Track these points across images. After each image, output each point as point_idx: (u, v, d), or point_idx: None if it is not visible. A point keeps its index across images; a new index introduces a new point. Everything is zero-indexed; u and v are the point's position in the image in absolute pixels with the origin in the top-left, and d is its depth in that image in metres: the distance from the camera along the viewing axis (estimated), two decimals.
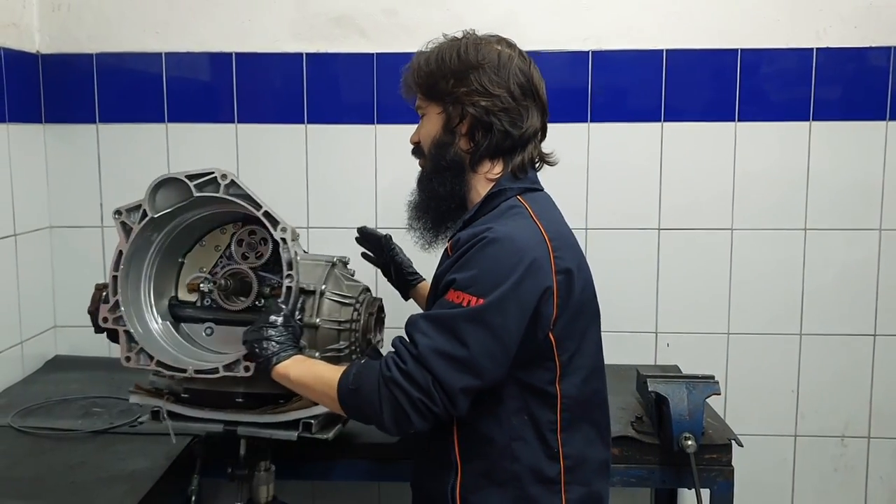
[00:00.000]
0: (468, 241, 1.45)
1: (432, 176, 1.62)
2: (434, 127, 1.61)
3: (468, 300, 1.39)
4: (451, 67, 1.56)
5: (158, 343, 1.72)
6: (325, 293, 1.72)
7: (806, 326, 2.57)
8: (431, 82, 1.59)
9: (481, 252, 1.42)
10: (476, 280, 1.40)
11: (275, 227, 1.67)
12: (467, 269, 1.42)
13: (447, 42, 1.62)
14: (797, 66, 2.47)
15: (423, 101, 1.64)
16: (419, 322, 1.43)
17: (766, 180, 2.52)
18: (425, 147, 1.64)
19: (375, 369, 1.43)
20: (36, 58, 2.56)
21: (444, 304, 1.43)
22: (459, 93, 1.55)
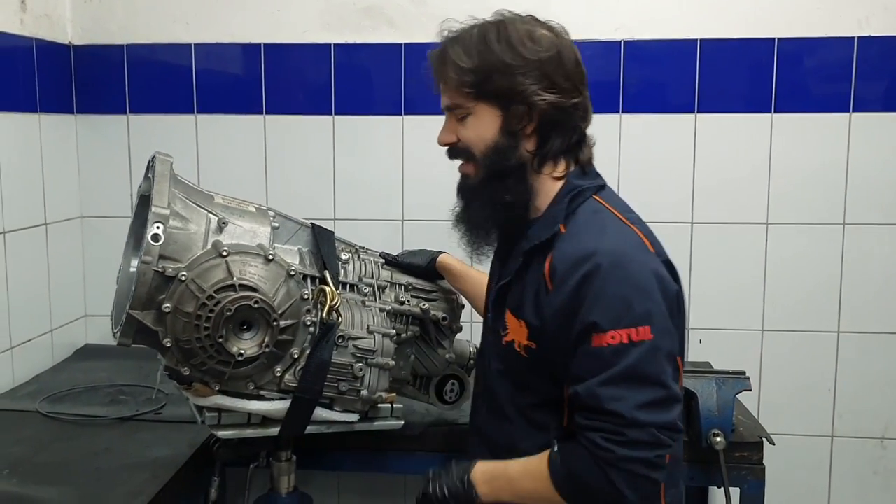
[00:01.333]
0: (577, 271, 1.31)
1: (491, 184, 1.44)
2: (489, 130, 1.42)
3: (625, 335, 1.27)
4: (506, 61, 1.38)
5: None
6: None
7: (844, 324, 2.50)
8: (482, 79, 1.40)
9: (607, 283, 1.29)
10: (622, 313, 1.28)
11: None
12: (601, 304, 1.28)
13: (483, 27, 1.44)
14: (837, 56, 2.40)
15: (466, 100, 1.43)
16: (600, 391, 1.28)
17: (803, 173, 2.45)
18: (476, 151, 1.44)
19: (585, 459, 1.29)
20: (68, 49, 2.58)
21: (600, 354, 1.28)
22: (525, 90, 1.38)
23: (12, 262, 2.30)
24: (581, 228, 1.39)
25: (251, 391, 1.66)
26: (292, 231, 1.77)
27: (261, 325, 1.58)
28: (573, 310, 1.31)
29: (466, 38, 1.43)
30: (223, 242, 1.59)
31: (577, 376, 1.32)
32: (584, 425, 1.30)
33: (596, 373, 1.29)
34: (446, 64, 1.44)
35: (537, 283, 1.39)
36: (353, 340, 1.72)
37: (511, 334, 1.44)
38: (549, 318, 1.35)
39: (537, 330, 1.39)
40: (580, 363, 1.31)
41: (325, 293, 1.66)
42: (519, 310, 1.43)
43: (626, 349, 1.27)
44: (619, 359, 1.27)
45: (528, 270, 1.43)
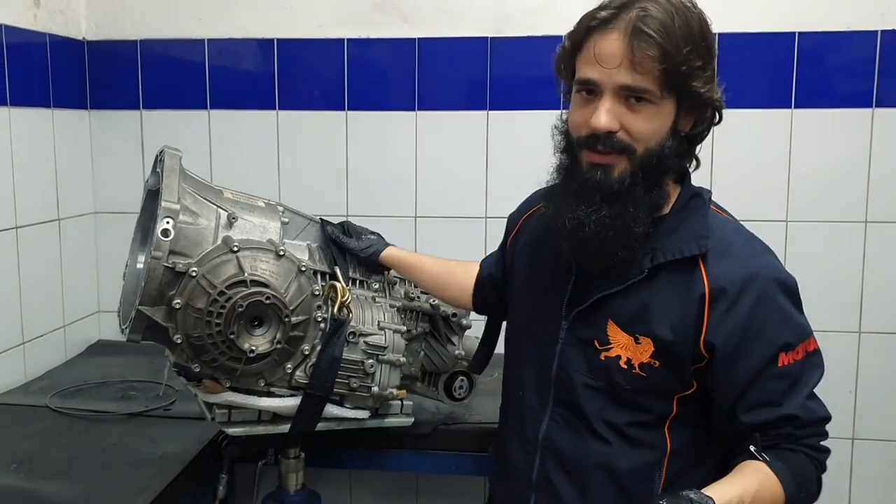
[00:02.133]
0: (750, 292, 1.27)
1: (643, 184, 1.29)
2: (664, 126, 1.28)
3: (803, 350, 1.32)
4: (705, 60, 1.27)
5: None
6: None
7: (865, 324, 2.45)
8: (683, 71, 1.24)
9: (783, 302, 1.30)
10: (798, 329, 1.32)
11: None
12: (788, 325, 1.30)
13: (683, 12, 1.26)
14: (859, 50, 2.35)
15: (656, 88, 1.25)
16: (811, 405, 1.33)
17: (823, 170, 2.40)
18: (641, 145, 1.28)
19: (808, 465, 1.33)
20: (82, 44, 2.58)
21: (789, 372, 1.30)
22: (712, 93, 1.29)
23: (26, 257, 2.29)
24: (728, 243, 1.33)
25: (262, 388, 1.65)
26: (301, 226, 1.76)
27: (272, 322, 1.57)
28: (751, 332, 1.28)
29: (670, 15, 1.24)
30: (233, 238, 1.57)
31: (769, 400, 1.30)
32: (803, 434, 1.33)
33: (791, 390, 1.31)
34: (649, 42, 1.22)
35: (679, 300, 1.30)
36: (363, 337, 1.70)
37: (618, 350, 1.34)
38: (719, 342, 1.29)
39: (669, 349, 1.30)
40: (768, 385, 1.30)
41: (335, 289, 1.65)
42: (636, 325, 1.33)
43: (809, 360, 1.33)
44: (809, 371, 1.32)
45: (653, 283, 1.32)
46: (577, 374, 1.39)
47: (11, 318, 2.26)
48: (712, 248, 1.31)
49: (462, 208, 2.56)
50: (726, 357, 1.30)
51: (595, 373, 1.37)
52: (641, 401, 1.36)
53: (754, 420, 1.31)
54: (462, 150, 2.53)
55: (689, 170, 1.43)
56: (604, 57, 1.26)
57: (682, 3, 1.28)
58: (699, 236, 1.31)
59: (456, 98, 2.51)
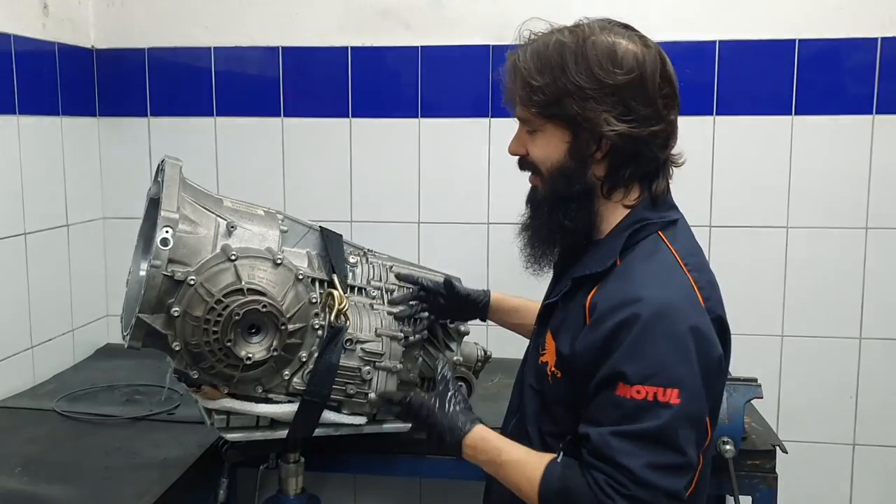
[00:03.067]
0: (616, 315, 1.25)
1: (553, 204, 1.38)
2: (556, 151, 1.35)
3: (652, 394, 1.22)
4: (580, 84, 1.28)
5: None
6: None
7: (866, 330, 2.45)
8: (552, 100, 1.30)
9: (645, 335, 1.23)
10: (654, 370, 1.22)
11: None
12: (634, 357, 1.23)
13: (561, 42, 1.31)
14: (860, 57, 2.35)
15: (534, 118, 1.35)
16: (613, 442, 1.22)
17: (824, 177, 2.41)
18: (543, 169, 1.38)
19: (585, 491, 1.24)
20: (90, 53, 2.62)
21: (621, 403, 1.23)
22: (597, 117, 1.28)
23: (35, 262, 2.34)
24: (633, 269, 1.31)
25: (260, 394, 1.67)
26: (301, 234, 1.78)
27: (269, 329, 1.59)
28: (604, 352, 1.25)
29: (542, 51, 1.31)
30: (232, 246, 1.60)
31: (594, 419, 1.27)
32: (591, 464, 1.25)
33: (613, 421, 1.24)
34: (517, 76, 1.34)
35: (576, 314, 1.34)
36: (361, 343, 1.72)
37: (547, 355, 1.40)
38: (580, 354, 1.30)
39: (566, 360, 1.34)
40: (599, 407, 1.27)
41: (333, 297, 1.67)
42: (556, 334, 1.39)
43: (649, 407, 1.22)
44: (641, 416, 1.22)
45: (575, 297, 1.37)
46: (528, 375, 1.48)
47: (21, 322, 2.30)
48: (618, 270, 1.32)
49: (465, 214, 2.58)
50: (585, 369, 1.29)
51: (535, 375, 1.46)
52: (554, 410, 1.40)
53: (580, 430, 1.30)
54: (465, 157, 2.55)
55: (662, 196, 1.39)
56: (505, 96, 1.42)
57: (564, 32, 1.33)
58: (610, 256, 1.34)
59: (459, 105, 2.53)
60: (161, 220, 1.53)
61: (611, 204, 1.38)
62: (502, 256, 2.49)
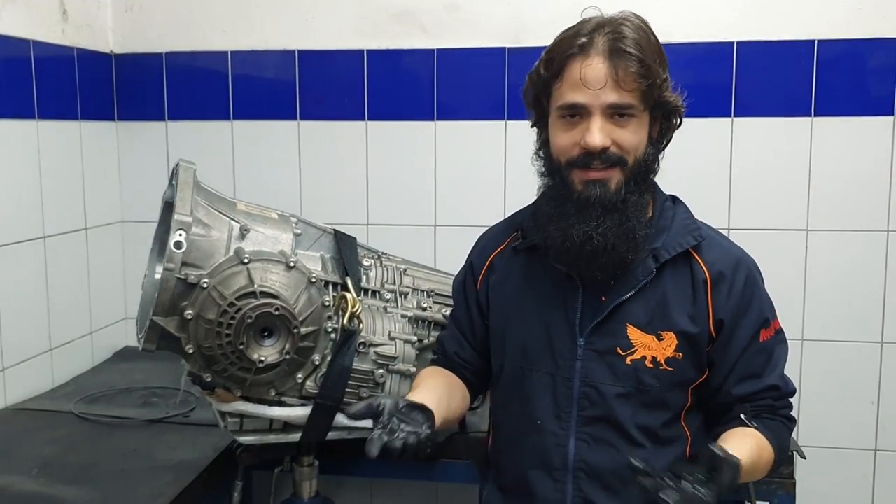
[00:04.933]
0: (740, 273, 1.46)
1: (635, 193, 1.40)
2: (645, 137, 1.39)
3: (775, 328, 1.49)
4: (660, 63, 1.38)
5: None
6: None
7: (888, 334, 2.41)
8: (659, 84, 1.37)
9: (759, 282, 1.49)
10: (772, 307, 1.50)
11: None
12: (766, 301, 1.49)
13: (643, 26, 1.38)
14: (880, 58, 2.31)
15: (639, 103, 1.36)
16: (787, 380, 1.51)
17: (844, 179, 2.37)
18: (631, 158, 1.38)
19: (786, 432, 1.51)
20: (109, 58, 2.64)
21: (766, 347, 1.47)
22: (678, 102, 1.43)
23: (54, 265, 2.36)
24: (709, 234, 1.49)
25: (273, 397, 1.68)
26: (314, 237, 1.78)
27: (282, 332, 1.60)
28: (741, 310, 1.44)
29: (637, 34, 1.36)
30: (245, 249, 1.60)
31: (753, 373, 1.45)
32: (779, 406, 1.48)
33: (768, 364, 1.46)
34: (630, 61, 1.33)
35: (686, 291, 1.43)
36: (374, 347, 1.73)
37: (642, 351, 1.41)
38: (726, 321, 1.43)
39: (692, 338, 1.42)
40: (753, 359, 1.45)
41: (346, 300, 1.67)
42: (658, 323, 1.41)
43: (779, 337, 1.50)
44: (779, 347, 1.49)
45: (660, 280, 1.42)
46: (606, 386, 1.43)
47: (40, 324, 2.32)
48: (704, 241, 1.46)
49: (481, 217, 2.55)
50: (727, 333, 1.44)
51: (622, 379, 1.43)
52: (668, 397, 1.44)
53: (742, 392, 1.46)
54: (481, 160, 2.54)
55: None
56: (589, 80, 1.34)
57: (641, 21, 1.40)
58: (692, 230, 1.47)
59: (474, 108, 2.53)
60: (174, 223, 1.54)
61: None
62: None
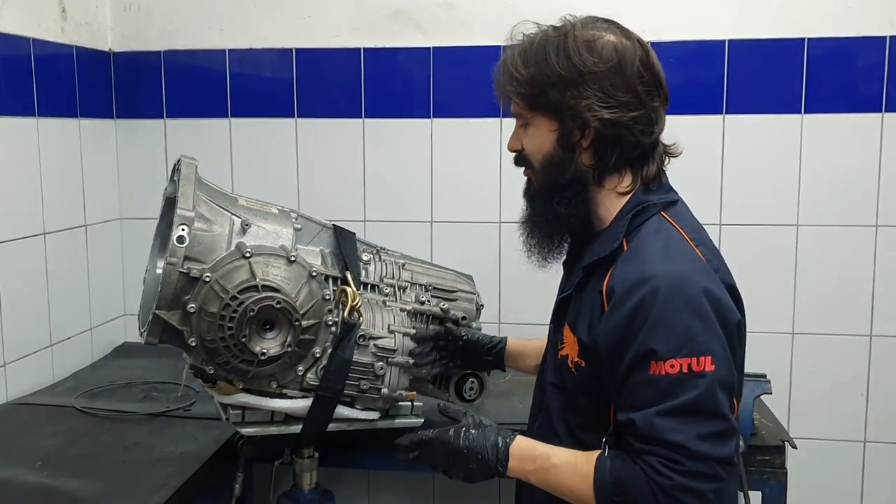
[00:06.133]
0: (635, 294, 1.27)
1: (547, 194, 1.44)
2: (545, 142, 1.41)
3: (685, 365, 1.23)
4: (561, 73, 1.35)
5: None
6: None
7: (876, 327, 2.45)
8: (536, 91, 1.38)
9: (666, 309, 1.25)
10: (682, 341, 1.24)
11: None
12: (660, 332, 1.24)
13: (545, 36, 1.40)
14: (868, 56, 2.36)
15: (524, 111, 1.43)
16: (658, 422, 1.24)
17: (834, 175, 2.42)
18: (534, 161, 1.44)
19: (639, 477, 1.25)
20: (108, 56, 2.66)
21: (656, 382, 1.24)
22: (578, 105, 1.35)
23: (54, 262, 2.38)
24: (642, 248, 1.34)
25: (274, 389, 1.70)
26: (314, 232, 1.80)
27: (283, 325, 1.62)
28: (629, 334, 1.27)
29: (527, 46, 1.40)
30: (246, 244, 1.62)
31: (631, 404, 1.28)
32: (641, 449, 1.26)
33: (652, 402, 1.25)
34: (505, 72, 1.42)
35: (593, 301, 1.37)
36: (374, 340, 1.75)
37: (566, 348, 1.43)
38: (602, 339, 1.32)
39: (588, 348, 1.37)
40: (635, 391, 1.27)
41: (346, 293, 1.70)
42: (574, 325, 1.42)
43: (686, 379, 1.23)
44: (679, 390, 1.23)
45: (587, 286, 1.41)
46: (549, 373, 1.51)
47: (40, 320, 2.35)
48: (627, 252, 1.35)
49: (477, 213, 2.60)
50: (607, 355, 1.31)
51: (555, 371, 1.48)
52: (580, 401, 1.42)
53: (618, 419, 1.31)
54: (477, 157, 2.57)
55: (651, 182, 1.44)
56: (497, 91, 1.48)
57: (549, 29, 1.41)
58: (615, 239, 1.38)
59: (470, 105, 2.56)
60: (177, 218, 1.56)
61: (605, 192, 1.42)
62: (514, 255, 2.49)
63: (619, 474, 1.28)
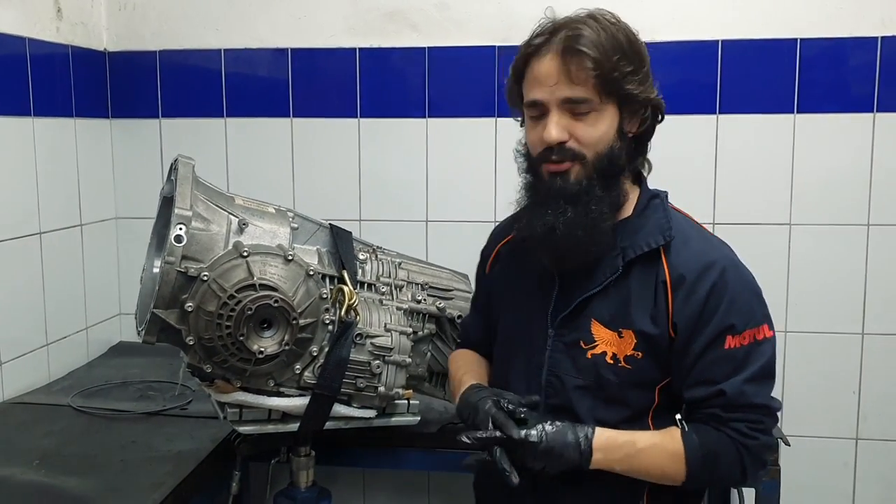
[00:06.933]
0: (707, 278, 1.37)
1: (600, 186, 1.40)
2: (610, 129, 1.39)
3: (751, 336, 1.38)
4: (632, 58, 1.37)
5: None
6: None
7: (868, 325, 2.47)
8: (617, 76, 1.36)
9: (735, 289, 1.39)
10: (749, 315, 1.39)
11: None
12: (734, 310, 1.37)
13: (603, 24, 1.38)
14: (861, 56, 2.37)
15: (596, 96, 1.36)
16: (746, 388, 1.36)
17: (826, 174, 2.43)
18: (591, 152, 1.39)
19: (727, 443, 1.36)
20: (103, 55, 2.66)
21: (734, 355, 1.37)
22: (640, 91, 1.39)
23: (49, 261, 2.38)
24: (686, 235, 1.44)
25: (272, 388, 1.71)
26: (311, 232, 1.82)
27: (281, 324, 1.63)
28: (705, 315, 1.37)
29: (593, 28, 1.37)
30: (244, 243, 1.64)
31: (706, 379, 1.38)
32: (729, 418, 1.36)
33: (731, 373, 1.37)
34: (580, 55, 1.34)
35: (648, 291, 1.41)
36: (370, 338, 1.76)
37: (602, 346, 1.43)
38: (682, 325, 1.38)
39: (651, 338, 1.40)
40: (712, 366, 1.38)
41: (343, 292, 1.71)
42: (618, 321, 1.42)
43: (757, 347, 1.38)
44: (753, 357, 1.37)
45: (628, 279, 1.42)
46: (568, 377, 1.46)
47: (36, 320, 2.34)
48: (674, 241, 1.42)
49: (472, 213, 2.61)
50: (684, 339, 1.39)
51: (583, 372, 1.44)
52: (628, 395, 1.43)
53: (692, 396, 1.41)
54: (472, 156, 2.58)
55: (643, 172, 1.53)
56: (543, 77, 1.39)
57: (607, 20, 1.40)
58: (663, 229, 1.43)
59: (465, 105, 2.56)
60: (175, 217, 1.57)
61: (624, 178, 1.46)
62: None
63: (709, 446, 1.37)
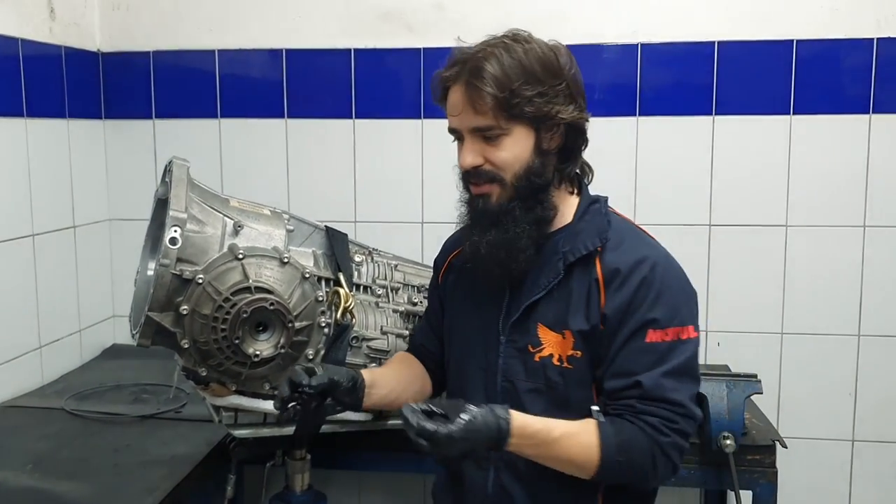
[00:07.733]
0: (638, 272, 1.40)
1: (522, 203, 1.43)
2: (524, 151, 1.41)
3: (675, 333, 1.40)
4: (539, 79, 1.39)
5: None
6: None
7: (864, 327, 2.47)
8: (519, 99, 1.38)
9: (663, 285, 1.40)
10: (674, 312, 1.41)
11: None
12: (659, 305, 1.39)
13: (507, 46, 1.41)
14: (856, 57, 2.38)
15: (502, 121, 1.40)
16: (663, 382, 1.37)
17: (822, 176, 2.43)
18: (508, 173, 1.42)
19: (640, 437, 1.36)
20: (96, 56, 2.65)
21: (654, 349, 1.39)
22: (552, 109, 1.40)
23: (42, 263, 2.36)
24: (622, 236, 1.46)
25: (267, 391, 1.70)
26: (307, 234, 1.81)
27: (276, 327, 1.62)
28: (632, 307, 1.40)
29: (497, 56, 1.39)
30: (239, 245, 1.63)
31: (627, 370, 1.39)
32: (642, 409, 1.37)
33: (651, 366, 1.38)
34: (482, 85, 1.38)
35: (584, 290, 1.44)
36: (366, 341, 1.75)
37: (548, 349, 1.45)
38: (610, 317, 1.41)
39: (586, 335, 1.42)
40: (632, 357, 1.39)
41: (339, 295, 1.70)
42: (560, 322, 1.44)
43: (679, 345, 1.40)
44: (675, 354, 1.39)
45: (569, 281, 1.45)
46: (519, 381, 1.48)
47: (28, 322, 2.33)
48: (609, 242, 1.45)
49: None
50: (611, 329, 1.41)
51: (532, 375, 1.47)
52: (571, 396, 1.45)
53: (611, 386, 1.41)
54: None
55: (584, 179, 1.55)
56: (452, 108, 1.46)
57: (518, 43, 1.42)
58: (601, 232, 1.46)
59: None
60: (169, 219, 1.56)
61: (560, 192, 1.50)
62: None
63: (622, 436, 1.37)
